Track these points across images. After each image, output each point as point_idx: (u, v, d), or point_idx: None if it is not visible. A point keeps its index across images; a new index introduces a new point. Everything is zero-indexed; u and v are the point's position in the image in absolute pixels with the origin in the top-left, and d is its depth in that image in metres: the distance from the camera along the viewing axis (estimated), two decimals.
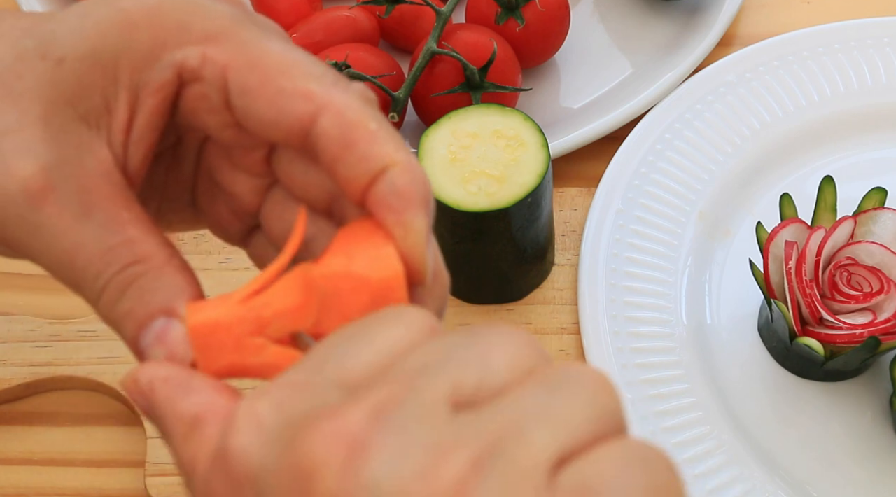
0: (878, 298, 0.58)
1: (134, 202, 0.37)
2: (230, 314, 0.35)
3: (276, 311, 0.35)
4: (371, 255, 0.35)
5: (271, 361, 0.35)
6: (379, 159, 0.36)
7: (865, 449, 0.60)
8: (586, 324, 0.63)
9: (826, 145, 0.69)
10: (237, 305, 0.35)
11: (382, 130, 0.36)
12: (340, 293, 0.35)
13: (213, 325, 0.35)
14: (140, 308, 0.36)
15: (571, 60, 0.74)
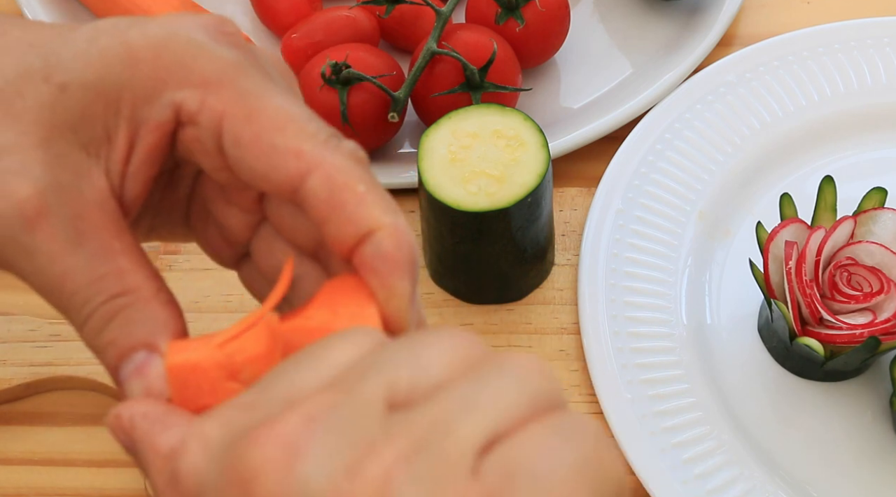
0: (878, 298, 0.58)
1: (126, 233, 0.38)
2: (207, 358, 0.35)
3: (246, 358, 0.35)
4: (353, 314, 0.36)
5: None
6: (365, 222, 0.36)
7: (865, 449, 0.60)
8: (586, 324, 0.63)
9: (826, 145, 0.69)
10: (215, 349, 0.35)
11: (371, 193, 0.37)
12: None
13: (191, 367, 0.35)
14: (123, 339, 0.36)
15: (571, 60, 0.74)
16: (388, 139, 0.69)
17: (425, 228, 0.63)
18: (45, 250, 0.36)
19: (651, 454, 0.59)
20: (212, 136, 0.37)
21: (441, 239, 0.62)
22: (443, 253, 0.63)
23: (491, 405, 0.30)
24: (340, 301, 0.36)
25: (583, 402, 0.61)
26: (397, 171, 0.68)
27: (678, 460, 0.58)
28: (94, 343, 0.37)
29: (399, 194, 0.68)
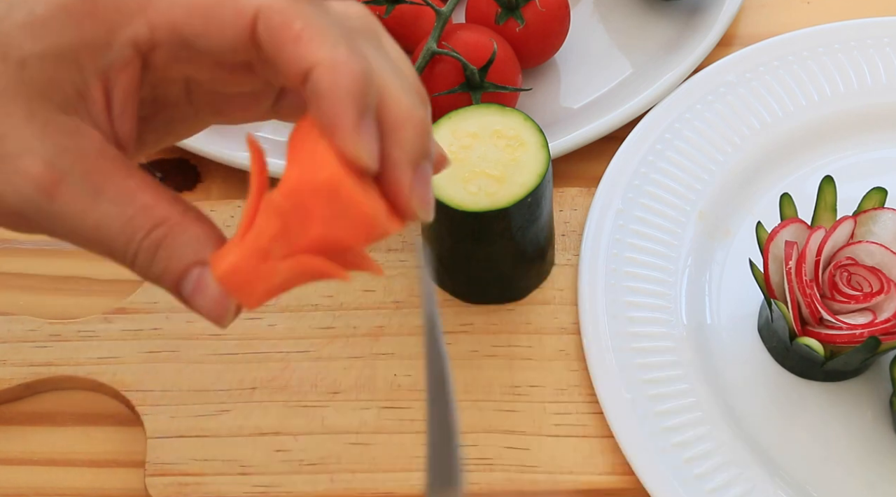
0: (878, 298, 0.58)
1: (135, 169, 0.40)
2: (240, 255, 0.39)
3: (268, 237, 0.38)
4: (310, 160, 0.38)
5: (288, 275, 0.39)
6: (302, 62, 0.37)
7: (865, 449, 0.60)
8: (586, 324, 0.63)
9: (826, 145, 0.69)
10: (241, 245, 0.39)
11: (308, 28, 0.37)
12: (304, 203, 0.38)
13: (233, 269, 0.39)
14: (173, 265, 0.39)
15: (571, 60, 0.74)
16: None
17: (425, 228, 0.63)
18: (72, 212, 0.38)
19: (651, 454, 0.59)
20: (176, 46, 0.39)
21: (441, 239, 0.62)
22: (443, 253, 0.63)
23: None
24: (301, 150, 0.38)
25: (583, 401, 0.61)
26: None
27: (678, 460, 0.58)
28: (148, 275, 0.40)
29: None
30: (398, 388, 0.62)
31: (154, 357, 0.63)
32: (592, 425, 0.61)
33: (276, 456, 0.60)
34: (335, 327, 0.64)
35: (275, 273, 0.39)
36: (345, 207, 0.38)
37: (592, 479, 0.59)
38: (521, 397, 0.61)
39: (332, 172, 0.37)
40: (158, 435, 0.60)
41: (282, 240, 0.38)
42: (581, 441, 0.60)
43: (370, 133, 0.38)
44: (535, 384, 0.62)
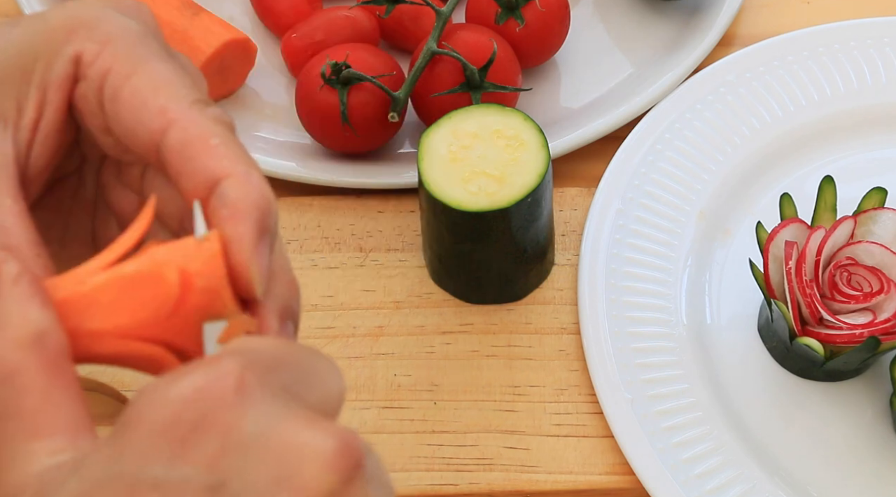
0: (878, 298, 0.58)
1: (20, 198, 0.38)
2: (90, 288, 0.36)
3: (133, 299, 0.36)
4: (194, 249, 0.37)
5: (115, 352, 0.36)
6: (213, 172, 0.37)
7: (865, 449, 0.60)
8: (586, 324, 0.63)
9: (826, 145, 0.69)
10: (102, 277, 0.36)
11: (224, 146, 0.38)
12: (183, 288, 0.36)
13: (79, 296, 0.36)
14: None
15: (571, 60, 0.74)
16: (388, 139, 0.69)
17: (425, 228, 0.63)
18: None
19: (651, 454, 0.59)
20: (94, 91, 0.39)
21: (441, 239, 0.62)
22: (443, 253, 0.63)
23: None
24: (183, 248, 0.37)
25: (583, 402, 0.61)
26: (397, 171, 0.68)
27: (678, 460, 0.58)
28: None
29: (399, 194, 0.68)
30: (398, 388, 0.62)
31: None
32: (592, 425, 0.61)
33: None
34: (335, 327, 0.64)
35: (111, 346, 0.36)
36: (220, 304, 0.37)
37: (592, 479, 0.59)
38: (521, 397, 0.61)
39: (213, 255, 0.36)
40: None
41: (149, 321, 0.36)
42: (581, 441, 0.60)
43: (265, 255, 0.37)
44: (535, 384, 0.62)
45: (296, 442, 0.32)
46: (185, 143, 0.38)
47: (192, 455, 0.31)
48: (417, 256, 0.66)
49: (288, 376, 0.33)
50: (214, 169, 0.37)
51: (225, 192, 0.37)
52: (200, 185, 0.37)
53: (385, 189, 0.68)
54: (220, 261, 0.36)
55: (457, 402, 0.61)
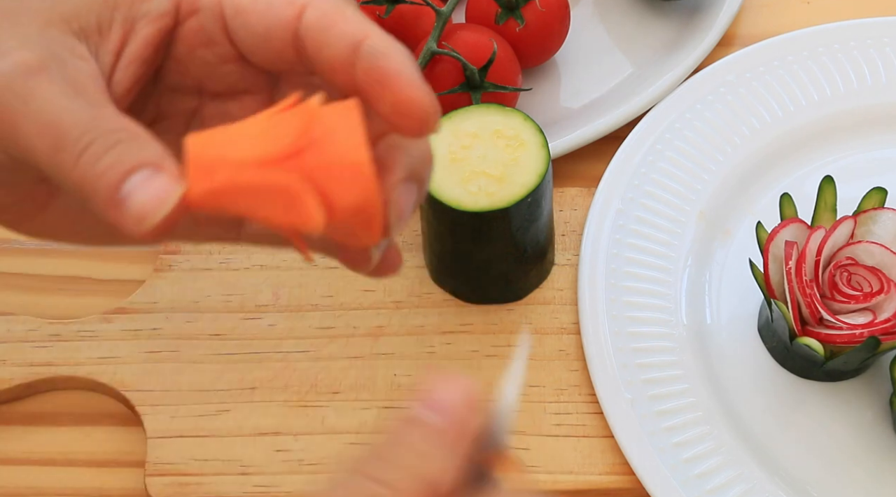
0: (878, 298, 0.58)
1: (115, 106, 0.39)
2: (236, 131, 0.37)
3: (281, 137, 0.37)
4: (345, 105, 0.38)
5: (258, 186, 0.36)
6: (354, 34, 0.39)
7: (865, 449, 0.60)
8: (586, 324, 0.63)
9: (826, 145, 0.69)
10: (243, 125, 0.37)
11: (357, 15, 0.40)
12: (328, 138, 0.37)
13: (215, 140, 0.37)
14: (125, 159, 0.37)
15: (571, 60, 0.74)
16: None
17: (425, 228, 0.63)
18: (44, 93, 0.38)
19: (651, 454, 0.59)
20: (214, 17, 0.41)
21: (441, 239, 0.62)
22: (443, 253, 0.63)
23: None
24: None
25: (583, 402, 0.61)
26: None
27: (678, 460, 0.58)
28: (91, 171, 0.37)
29: None
30: (398, 388, 0.62)
31: (154, 357, 0.63)
32: (592, 425, 0.61)
33: (276, 456, 0.60)
34: (335, 327, 0.64)
35: (250, 174, 0.36)
36: (366, 227, 0.37)
37: (592, 479, 0.59)
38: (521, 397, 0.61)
39: (373, 197, 0.37)
40: (158, 435, 0.60)
41: (288, 151, 0.37)
42: (581, 441, 0.60)
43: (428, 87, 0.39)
44: (535, 384, 0.62)
45: None
46: (322, 17, 0.40)
47: None
48: (417, 256, 0.66)
49: None
50: (355, 32, 0.39)
51: (372, 45, 0.39)
52: (343, 49, 0.39)
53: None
54: (375, 184, 0.37)
55: None
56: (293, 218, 0.36)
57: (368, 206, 0.37)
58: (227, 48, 0.42)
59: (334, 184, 0.36)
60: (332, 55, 0.39)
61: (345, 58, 0.39)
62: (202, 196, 0.36)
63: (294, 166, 0.36)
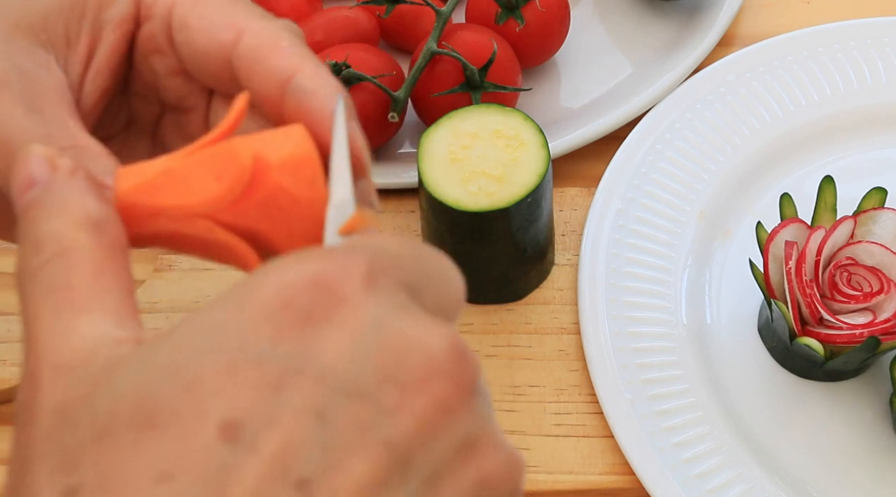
0: (878, 298, 0.58)
1: (79, 119, 0.39)
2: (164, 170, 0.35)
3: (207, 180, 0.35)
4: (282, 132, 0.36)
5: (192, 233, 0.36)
6: (285, 69, 0.38)
7: (865, 449, 0.60)
8: (586, 324, 0.63)
9: (826, 145, 0.69)
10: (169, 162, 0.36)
11: (293, 47, 0.39)
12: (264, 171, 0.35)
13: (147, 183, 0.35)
14: None
15: (571, 60, 0.74)
16: (388, 139, 0.69)
17: (425, 228, 0.63)
18: (1, 110, 0.37)
19: (651, 454, 0.59)
20: (163, 26, 0.40)
21: (441, 239, 0.62)
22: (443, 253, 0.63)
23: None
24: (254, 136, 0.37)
25: (583, 402, 0.61)
26: (397, 171, 0.68)
27: (678, 460, 0.58)
28: None
29: (399, 194, 0.68)
30: None
31: None
32: (592, 425, 0.61)
33: None
34: None
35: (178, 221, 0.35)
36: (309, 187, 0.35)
37: (592, 479, 0.59)
38: (521, 397, 0.61)
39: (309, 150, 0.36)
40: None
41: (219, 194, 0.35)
42: (581, 441, 0.60)
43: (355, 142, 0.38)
44: (535, 384, 0.62)
45: (410, 337, 0.30)
46: (255, 47, 0.39)
47: (304, 340, 0.29)
48: None
49: (410, 276, 0.32)
50: (286, 66, 0.38)
51: (300, 84, 0.38)
52: (273, 83, 0.38)
53: (385, 189, 0.68)
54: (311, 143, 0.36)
55: None
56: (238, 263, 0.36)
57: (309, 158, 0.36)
58: (173, 60, 0.41)
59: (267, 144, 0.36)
60: (261, 88, 0.39)
61: (273, 93, 0.39)
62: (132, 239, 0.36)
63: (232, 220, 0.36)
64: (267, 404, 0.28)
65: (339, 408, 0.28)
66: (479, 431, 0.31)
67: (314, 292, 0.30)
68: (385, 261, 0.31)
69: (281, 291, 0.30)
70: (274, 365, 0.28)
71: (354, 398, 0.29)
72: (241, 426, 0.28)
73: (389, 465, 0.28)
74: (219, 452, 0.27)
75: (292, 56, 0.39)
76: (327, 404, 0.28)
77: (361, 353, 0.29)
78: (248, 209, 0.35)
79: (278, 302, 0.29)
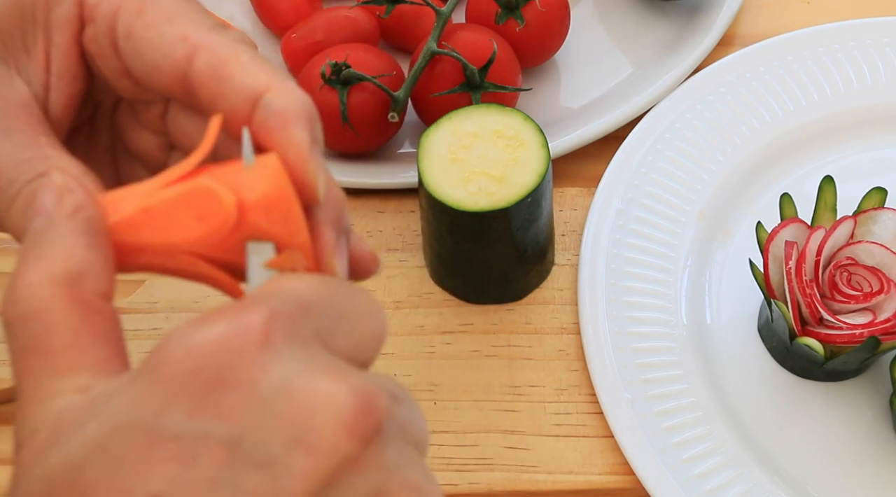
0: (878, 298, 0.58)
1: (52, 133, 0.38)
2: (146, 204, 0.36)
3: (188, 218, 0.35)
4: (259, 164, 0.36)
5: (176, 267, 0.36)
6: (253, 87, 0.37)
7: (865, 449, 0.60)
8: (586, 324, 0.63)
9: (826, 145, 0.69)
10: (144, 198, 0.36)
11: (256, 61, 0.37)
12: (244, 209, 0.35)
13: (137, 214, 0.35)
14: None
15: (571, 60, 0.74)
16: (388, 139, 0.69)
17: (425, 228, 0.63)
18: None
19: (651, 454, 0.59)
20: (106, 31, 0.39)
21: (441, 239, 0.62)
22: (443, 253, 0.63)
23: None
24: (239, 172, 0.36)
25: (583, 402, 0.61)
26: (397, 171, 0.68)
27: (678, 460, 0.59)
28: (21, 222, 0.36)
29: (399, 194, 0.68)
30: None
31: None
32: (592, 425, 0.61)
33: None
34: None
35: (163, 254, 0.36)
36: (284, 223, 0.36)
37: (592, 479, 0.59)
38: (521, 397, 0.62)
39: (284, 186, 0.36)
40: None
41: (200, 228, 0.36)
42: (581, 441, 0.60)
43: (321, 160, 0.37)
44: (535, 384, 0.62)
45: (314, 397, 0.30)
46: (216, 65, 0.37)
47: (212, 408, 0.30)
48: (417, 256, 0.66)
49: (321, 321, 0.32)
50: (254, 84, 0.37)
51: (270, 102, 0.37)
52: (241, 103, 0.37)
53: (385, 189, 0.68)
54: (285, 178, 0.36)
55: (457, 401, 0.61)
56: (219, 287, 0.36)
57: (282, 197, 0.36)
58: (120, 64, 0.40)
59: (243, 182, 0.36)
60: (229, 108, 0.37)
61: (243, 112, 0.37)
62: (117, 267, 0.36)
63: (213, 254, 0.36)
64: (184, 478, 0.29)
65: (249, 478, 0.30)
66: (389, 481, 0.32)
67: (218, 357, 0.31)
68: (290, 309, 0.32)
69: (188, 359, 0.31)
70: (189, 438, 0.30)
71: (263, 467, 0.30)
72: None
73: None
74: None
75: (258, 72, 0.37)
76: (238, 475, 0.30)
77: (267, 419, 0.30)
78: (230, 246, 0.36)
79: (186, 371, 0.31)
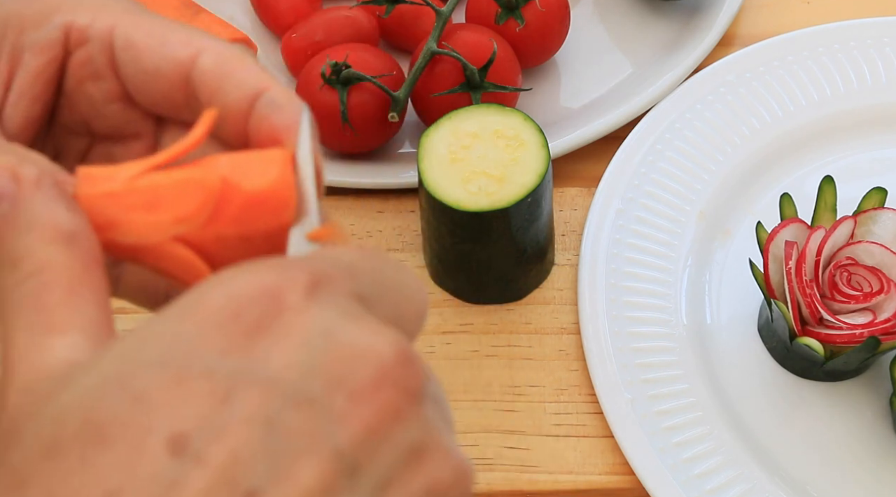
0: (878, 298, 0.58)
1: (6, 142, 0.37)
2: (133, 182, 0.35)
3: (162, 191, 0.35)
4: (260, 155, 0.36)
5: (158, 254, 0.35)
6: (254, 84, 0.37)
7: (865, 449, 0.60)
8: (586, 324, 0.63)
9: (826, 145, 0.69)
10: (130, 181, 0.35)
11: (257, 66, 0.38)
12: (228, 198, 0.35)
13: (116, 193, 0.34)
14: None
15: (571, 60, 0.74)
16: (388, 139, 0.69)
17: (425, 228, 0.63)
18: None
19: (651, 454, 0.59)
20: (103, 48, 0.39)
21: (441, 239, 0.62)
22: (443, 253, 0.63)
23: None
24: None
25: (583, 402, 0.61)
26: (397, 171, 0.68)
27: (678, 460, 0.58)
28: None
29: (399, 194, 0.68)
30: None
31: None
32: (592, 425, 0.61)
33: None
34: None
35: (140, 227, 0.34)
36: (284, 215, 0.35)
37: (592, 479, 0.59)
38: (521, 397, 0.62)
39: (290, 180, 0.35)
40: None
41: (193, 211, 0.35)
42: (581, 441, 0.60)
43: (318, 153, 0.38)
44: (535, 384, 0.62)
45: (357, 345, 0.30)
46: (220, 64, 0.38)
47: (249, 348, 0.29)
48: (417, 256, 0.66)
49: (364, 286, 0.32)
50: (255, 82, 0.38)
51: (273, 98, 0.37)
52: (242, 97, 0.37)
53: (385, 189, 0.68)
54: (290, 173, 0.35)
55: (457, 402, 0.61)
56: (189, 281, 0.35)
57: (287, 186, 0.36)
58: (113, 84, 0.39)
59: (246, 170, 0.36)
60: (228, 104, 0.38)
61: (242, 108, 0.38)
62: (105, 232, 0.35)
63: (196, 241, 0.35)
64: (215, 416, 0.28)
65: (288, 417, 0.28)
66: (427, 438, 0.31)
67: (261, 302, 0.30)
68: (335, 271, 0.31)
69: (229, 302, 0.30)
70: (222, 376, 0.28)
71: (303, 407, 0.28)
72: (189, 439, 0.28)
73: (338, 473, 0.28)
74: (166, 467, 0.27)
75: (259, 72, 0.38)
76: (275, 414, 0.28)
77: (309, 361, 0.29)
78: (217, 231, 0.35)
79: (226, 313, 0.30)
